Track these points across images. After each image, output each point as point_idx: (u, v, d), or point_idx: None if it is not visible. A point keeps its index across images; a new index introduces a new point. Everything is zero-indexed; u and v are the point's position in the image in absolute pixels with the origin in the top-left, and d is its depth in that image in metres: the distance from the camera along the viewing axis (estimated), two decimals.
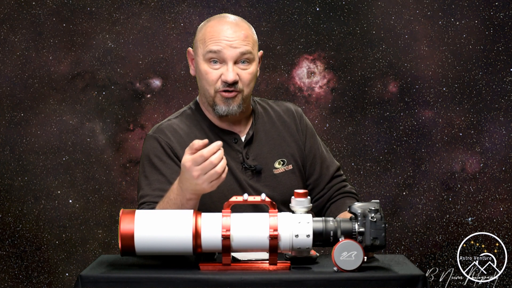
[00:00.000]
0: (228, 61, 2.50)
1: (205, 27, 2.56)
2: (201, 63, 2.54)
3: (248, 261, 2.20)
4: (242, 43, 2.51)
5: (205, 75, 2.53)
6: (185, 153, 2.24)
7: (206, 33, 2.54)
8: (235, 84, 2.51)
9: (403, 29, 4.17)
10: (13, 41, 4.11)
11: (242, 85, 2.53)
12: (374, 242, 2.11)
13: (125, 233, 2.11)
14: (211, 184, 2.24)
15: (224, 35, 2.51)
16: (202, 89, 2.57)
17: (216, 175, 2.22)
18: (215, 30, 2.53)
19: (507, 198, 4.19)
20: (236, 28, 2.53)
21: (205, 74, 2.53)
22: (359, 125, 4.20)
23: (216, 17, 2.59)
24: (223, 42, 2.50)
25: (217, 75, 2.52)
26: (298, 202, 2.17)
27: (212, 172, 2.21)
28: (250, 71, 2.54)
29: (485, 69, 4.17)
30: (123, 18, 4.15)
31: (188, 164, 2.22)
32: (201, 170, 2.21)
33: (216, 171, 2.21)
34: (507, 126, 4.18)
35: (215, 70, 2.52)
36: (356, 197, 2.70)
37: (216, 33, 2.52)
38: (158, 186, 2.48)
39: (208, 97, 2.56)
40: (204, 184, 2.23)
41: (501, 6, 4.15)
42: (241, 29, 2.53)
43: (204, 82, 2.55)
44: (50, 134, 4.15)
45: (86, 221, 4.17)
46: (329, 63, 4.21)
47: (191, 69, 2.62)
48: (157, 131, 2.58)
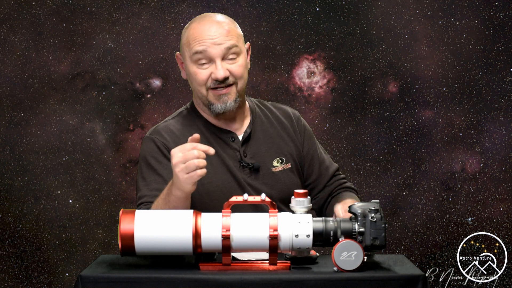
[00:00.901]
0: (215, 59, 2.52)
1: (188, 29, 2.58)
2: (189, 66, 2.56)
3: (248, 261, 2.20)
4: (225, 39, 2.52)
5: (195, 76, 2.55)
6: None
7: (189, 36, 2.55)
8: (226, 79, 2.53)
9: (403, 29, 4.17)
10: (13, 41, 4.11)
11: (235, 78, 2.54)
12: (374, 242, 2.11)
13: (125, 233, 2.11)
14: (186, 176, 2.23)
15: (207, 34, 2.52)
16: (195, 90, 2.59)
17: (194, 167, 2.22)
18: (197, 31, 2.54)
19: (507, 198, 4.19)
20: (218, 25, 2.54)
21: (194, 75, 2.55)
22: (359, 125, 4.20)
23: (197, 18, 2.61)
24: (207, 41, 2.52)
25: (207, 75, 2.54)
26: (298, 202, 2.17)
27: (190, 162, 2.22)
28: (240, 63, 2.55)
29: (485, 69, 4.17)
30: (123, 18, 4.15)
31: (176, 149, 2.25)
32: (182, 158, 2.23)
33: (194, 163, 2.21)
34: (507, 126, 4.18)
35: (204, 70, 2.54)
36: (356, 193, 2.70)
37: (199, 34, 2.53)
38: (156, 186, 2.49)
39: (202, 98, 2.57)
40: (180, 173, 2.23)
41: (501, 6, 4.15)
42: (223, 25, 2.54)
43: (195, 84, 2.56)
44: (50, 134, 4.15)
45: (86, 221, 4.17)
46: (329, 63, 4.21)
47: (182, 73, 2.64)
48: (154, 132, 2.60)
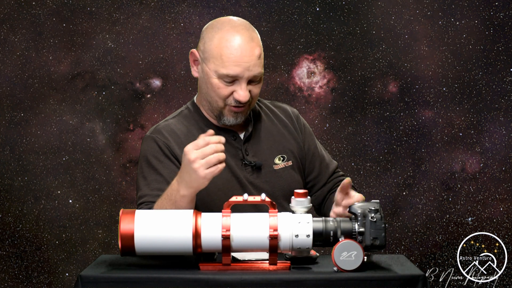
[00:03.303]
0: (242, 82, 2.48)
1: (218, 39, 2.50)
2: (211, 76, 2.50)
3: (248, 261, 2.20)
4: (256, 65, 2.48)
5: (216, 89, 2.51)
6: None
7: (222, 50, 2.48)
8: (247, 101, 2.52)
9: (403, 29, 4.17)
10: (13, 41, 4.11)
11: (251, 99, 2.53)
12: (374, 242, 2.11)
13: (125, 233, 2.11)
14: (207, 172, 2.23)
15: (242, 57, 2.46)
16: (209, 97, 2.55)
17: (215, 161, 2.22)
18: (232, 51, 2.47)
19: (507, 198, 4.19)
20: (252, 47, 2.48)
21: (217, 88, 2.50)
22: (359, 125, 4.20)
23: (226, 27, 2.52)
24: (241, 65, 2.46)
25: (229, 92, 2.50)
26: (298, 202, 2.17)
27: (211, 157, 2.22)
28: (259, 85, 2.54)
29: (485, 69, 4.17)
30: (123, 18, 4.15)
31: (189, 147, 2.25)
32: (201, 153, 2.22)
33: (216, 157, 2.22)
34: (507, 126, 4.18)
35: (228, 86, 2.49)
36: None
37: (234, 55, 2.46)
38: (156, 186, 2.48)
39: (214, 107, 2.55)
40: (200, 169, 2.23)
41: (501, 6, 4.15)
42: (256, 48, 2.49)
43: (213, 94, 2.52)
44: (50, 134, 4.15)
45: (86, 221, 4.17)
46: (329, 63, 4.21)
47: (193, 70, 2.58)
48: (155, 131, 2.58)
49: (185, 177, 2.28)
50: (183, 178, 2.29)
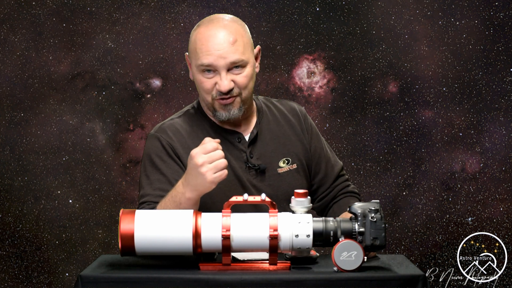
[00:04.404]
0: (220, 71, 2.48)
1: (195, 34, 2.52)
2: (195, 73, 2.53)
3: (248, 261, 2.20)
4: (230, 52, 2.47)
5: (200, 84, 2.52)
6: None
7: (196, 43, 2.50)
8: (231, 91, 2.50)
9: (403, 29, 4.17)
10: (13, 41, 4.11)
11: (239, 89, 2.51)
12: (374, 242, 2.11)
13: (125, 233, 2.11)
14: (215, 176, 2.26)
15: (213, 45, 2.47)
16: (200, 96, 2.58)
17: (223, 165, 2.25)
18: (203, 41, 2.49)
19: (507, 198, 4.19)
20: (224, 34, 2.49)
21: (200, 83, 2.52)
22: (359, 125, 4.20)
23: (205, 22, 2.54)
24: (213, 54, 2.47)
25: (212, 84, 2.50)
26: (298, 202, 2.17)
27: (219, 162, 2.25)
28: (245, 74, 2.51)
29: (485, 69, 4.17)
30: (123, 18, 4.15)
31: (197, 150, 2.26)
32: (209, 158, 2.25)
33: (224, 162, 2.26)
34: (507, 126, 4.18)
35: (209, 79, 2.50)
36: (358, 197, 2.70)
37: (205, 44, 2.48)
38: (159, 186, 2.48)
39: (207, 104, 2.56)
40: (208, 173, 2.25)
41: (501, 6, 4.15)
42: (229, 35, 2.49)
43: (201, 91, 2.54)
44: (50, 134, 4.15)
45: (86, 221, 4.17)
46: (329, 63, 4.21)
47: (190, 73, 2.60)
48: (159, 130, 2.58)
49: (191, 180, 2.28)
50: (188, 181, 2.29)
